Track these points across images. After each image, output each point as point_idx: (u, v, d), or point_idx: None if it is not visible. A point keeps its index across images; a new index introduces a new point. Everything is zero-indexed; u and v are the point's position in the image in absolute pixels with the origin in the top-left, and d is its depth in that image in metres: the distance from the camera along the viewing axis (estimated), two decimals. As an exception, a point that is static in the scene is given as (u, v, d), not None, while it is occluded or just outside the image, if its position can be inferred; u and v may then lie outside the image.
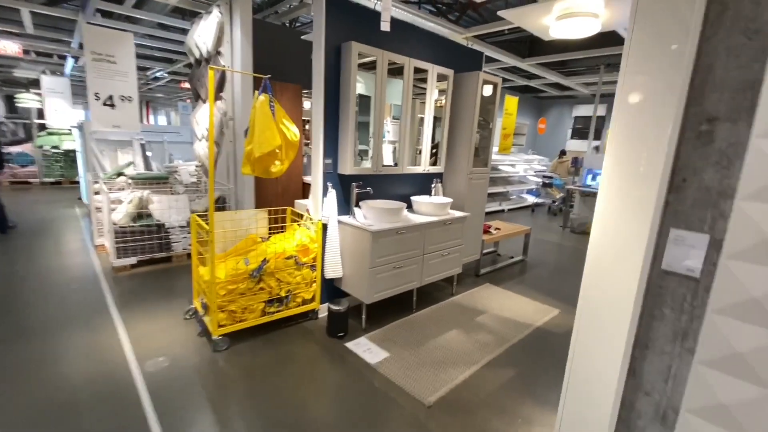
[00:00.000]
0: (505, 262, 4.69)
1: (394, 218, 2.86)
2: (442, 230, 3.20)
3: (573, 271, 4.57)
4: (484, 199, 3.92)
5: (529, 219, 8.06)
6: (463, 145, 3.61)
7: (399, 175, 3.39)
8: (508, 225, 4.92)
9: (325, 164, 2.82)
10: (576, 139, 10.26)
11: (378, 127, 2.91)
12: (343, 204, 3.01)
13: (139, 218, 3.95)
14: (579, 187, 7.01)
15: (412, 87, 3.07)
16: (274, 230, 3.22)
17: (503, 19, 5.09)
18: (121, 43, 4.50)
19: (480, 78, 3.42)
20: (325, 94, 2.72)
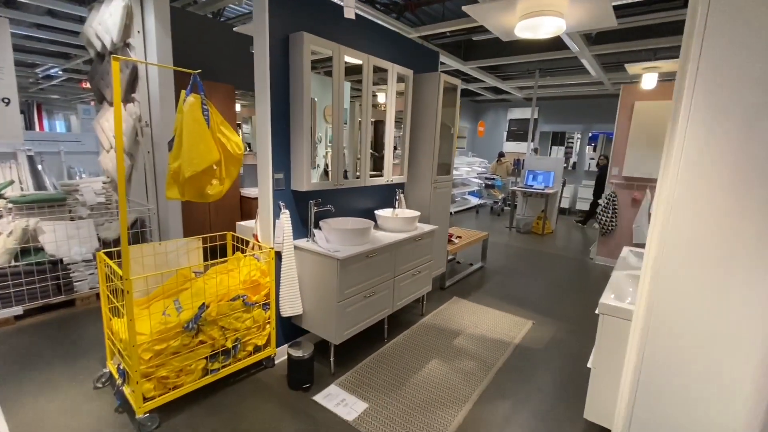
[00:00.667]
0: (467, 271, 4.51)
1: (361, 239, 2.46)
2: (413, 247, 2.87)
3: (532, 275, 4.52)
4: (448, 209, 3.68)
5: (475, 220, 8.12)
6: (425, 151, 3.31)
7: (361, 188, 2.99)
8: (467, 232, 4.76)
9: (276, 180, 2.32)
10: (511, 141, 10.66)
11: (337, 135, 2.49)
12: (299, 226, 2.53)
13: (24, 254, 3.06)
14: (522, 188, 7.18)
15: (371, 88, 2.69)
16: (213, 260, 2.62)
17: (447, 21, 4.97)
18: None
19: (441, 79, 3.16)
20: (271, 96, 2.23)
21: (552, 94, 9.31)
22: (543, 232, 6.83)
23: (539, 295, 3.92)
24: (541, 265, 5.01)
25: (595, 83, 7.85)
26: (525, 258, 5.31)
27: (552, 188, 7.01)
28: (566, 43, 4.97)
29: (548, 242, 6.34)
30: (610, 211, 4.98)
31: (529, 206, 7.39)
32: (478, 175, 9.63)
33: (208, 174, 1.81)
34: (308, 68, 2.22)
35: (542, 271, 4.76)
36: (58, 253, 3.14)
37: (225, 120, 1.87)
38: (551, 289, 4.13)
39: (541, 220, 6.87)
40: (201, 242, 2.58)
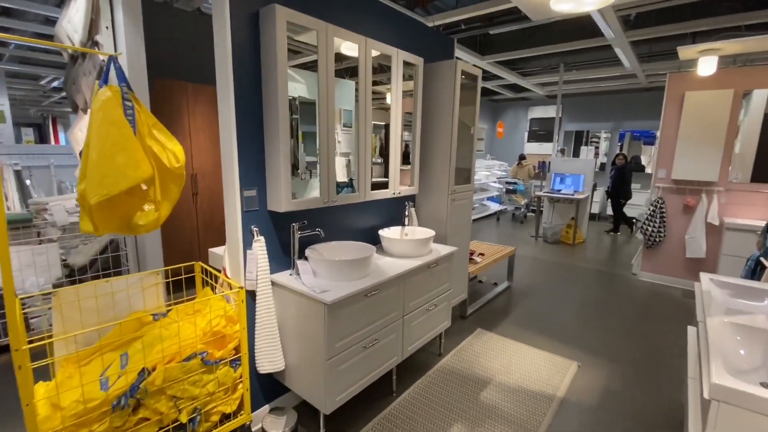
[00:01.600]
0: (491, 293, 3.88)
1: (359, 271, 1.90)
2: (428, 276, 2.29)
3: (568, 296, 3.86)
4: (468, 224, 3.08)
5: (495, 229, 7.46)
6: (440, 157, 2.74)
7: (360, 204, 2.43)
8: (490, 247, 4.14)
9: (246, 199, 1.79)
10: (533, 142, 9.96)
11: (326, 140, 1.95)
12: (279, 255, 1.99)
13: (-29, 288, 2.62)
14: (548, 193, 6.50)
15: (370, 79, 2.15)
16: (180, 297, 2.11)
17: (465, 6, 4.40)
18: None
19: (458, 68, 2.58)
20: (237, 90, 1.71)
21: (577, 90, 8.60)
22: (574, 241, 6.12)
23: (580, 324, 3.27)
24: (577, 282, 4.34)
25: (627, 76, 7.12)
26: (557, 274, 4.64)
27: (582, 193, 6.31)
28: (601, 28, 4.33)
29: (581, 254, 5.64)
30: (657, 220, 4.28)
31: (556, 213, 6.70)
32: (498, 179, 8.97)
33: (135, 196, 1.30)
34: (283, 51, 1.69)
35: (579, 290, 4.09)
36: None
37: (159, 122, 1.35)
38: (593, 314, 3.47)
39: (571, 228, 6.17)
40: (161, 276, 2.07)
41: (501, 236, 6.81)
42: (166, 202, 1.37)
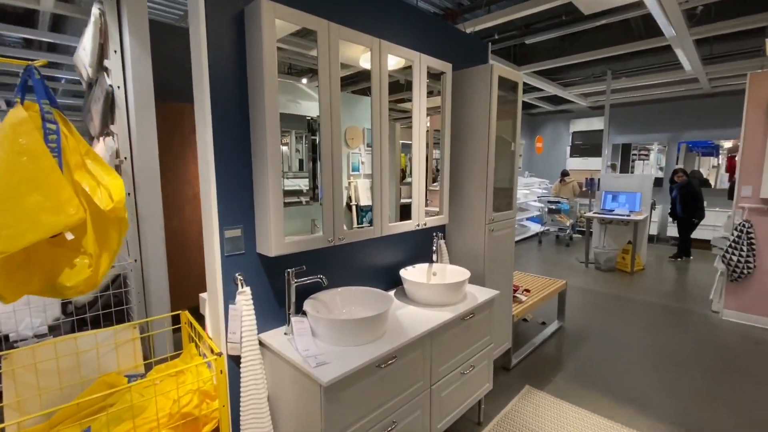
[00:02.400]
0: (539, 337, 3.30)
1: (371, 334, 1.47)
2: (461, 331, 1.82)
3: (635, 341, 3.19)
4: (511, 258, 2.57)
5: (537, 253, 6.77)
6: (475, 179, 2.29)
7: (375, 240, 2.02)
8: (536, 280, 3.57)
9: (228, 240, 1.43)
10: (576, 157, 9.20)
11: (329, 164, 1.57)
12: (274, 307, 1.61)
13: (-36, 330, 2.44)
14: (599, 213, 5.79)
15: (386, 89, 1.77)
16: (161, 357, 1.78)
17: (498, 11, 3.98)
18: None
19: (493, 73, 2.15)
20: (216, 107, 1.37)
21: (626, 99, 7.86)
22: (632, 269, 5.35)
23: (658, 382, 2.62)
24: (641, 321, 3.65)
25: (686, 81, 6.36)
26: (615, 310, 3.95)
27: (640, 213, 5.55)
28: (660, 25, 3.76)
29: (642, 284, 4.87)
30: (745, 247, 3.54)
31: (609, 236, 5.95)
32: (539, 198, 8.29)
33: (62, 247, 0.96)
34: (271, 56, 1.34)
35: (645, 332, 3.40)
36: (5, 326, 2.49)
37: (92, 149, 1.02)
38: (667, 366, 2.80)
39: (628, 253, 5.41)
40: (137, 330, 1.74)
41: (544, 262, 6.13)
42: (106, 254, 1.04)
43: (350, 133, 2.09)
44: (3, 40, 4.82)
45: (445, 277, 2.14)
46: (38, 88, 0.96)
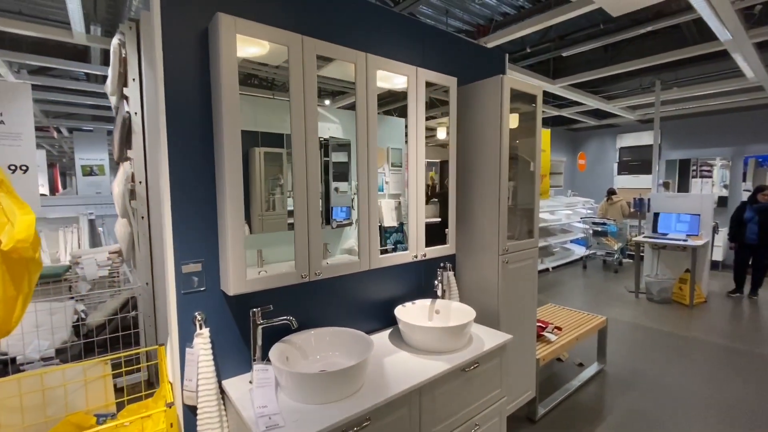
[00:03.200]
0: (575, 380, 2.87)
1: (345, 388, 1.25)
2: (462, 385, 1.54)
3: (694, 393, 2.67)
4: (533, 292, 2.25)
5: (582, 280, 6.17)
6: (485, 204, 2.03)
7: (362, 274, 1.80)
8: (572, 315, 3.16)
9: (186, 276, 1.30)
10: (624, 174, 8.48)
11: (302, 185, 1.40)
12: (242, 350, 1.44)
13: (-21, 350, 2.51)
14: (650, 237, 5.18)
15: (375, 108, 1.59)
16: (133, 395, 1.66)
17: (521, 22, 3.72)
18: (13, 97, 3.39)
19: (504, 86, 1.92)
20: (170, 125, 1.27)
21: (680, 111, 7.16)
22: (691, 302, 4.68)
23: (722, 452, 2.13)
24: (706, 367, 3.09)
25: (749, 90, 5.67)
26: (671, 351, 3.40)
27: (699, 237, 4.90)
28: (712, 28, 3.33)
29: (704, 320, 4.22)
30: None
31: (662, 262, 5.30)
32: (582, 218, 7.67)
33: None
34: (230, 73, 1.22)
35: (711, 381, 2.86)
36: (14, 349, 2.53)
37: (6, 179, 0.93)
38: (743, 429, 2.29)
39: (686, 283, 4.75)
40: (109, 367, 1.64)
41: (589, 290, 5.56)
42: (22, 296, 0.93)
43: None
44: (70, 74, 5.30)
45: (448, 317, 1.87)
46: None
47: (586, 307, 4.68)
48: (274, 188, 1.59)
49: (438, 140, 2.11)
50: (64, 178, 13.90)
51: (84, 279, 3.16)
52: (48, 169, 10.28)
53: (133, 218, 2.98)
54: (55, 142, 10.03)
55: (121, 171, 3.04)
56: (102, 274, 3.21)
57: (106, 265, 3.26)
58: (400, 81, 1.73)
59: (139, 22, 2.44)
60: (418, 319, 1.86)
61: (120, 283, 3.23)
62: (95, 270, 3.21)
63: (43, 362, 2.60)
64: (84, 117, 7.77)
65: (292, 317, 1.38)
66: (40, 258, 0.94)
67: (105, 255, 3.28)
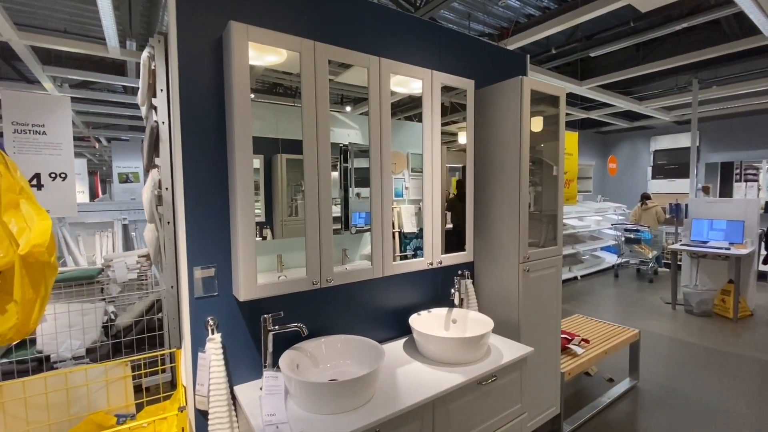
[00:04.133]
0: (604, 397, 2.72)
1: (354, 398, 1.22)
2: (478, 398, 1.48)
3: (739, 417, 2.46)
4: (557, 302, 2.15)
5: (613, 290, 5.89)
6: (504, 210, 1.96)
7: (376, 281, 1.78)
8: (601, 327, 3.00)
9: (199, 281, 1.31)
10: (659, 178, 8.08)
11: (314, 190, 1.40)
12: (253, 356, 1.44)
13: (20, 348, 2.65)
14: (688, 246, 4.88)
15: (388, 114, 1.57)
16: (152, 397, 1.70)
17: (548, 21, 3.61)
18: (53, 108, 3.60)
19: (524, 87, 1.85)
20: (185, 129, 1.30)
21: (720, 111, 6.76)
22: (735, 316, 4.36)
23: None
24: (749, 386, 2.85)
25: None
26: (712, 368, 3.17)
27: (743, 245, 4.56)
28: (754, 21, 3.12)
29: (749, 335, 3.91)
30: None
31: (702, 273, 4.97)
32: (614, 225, 7.33)
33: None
34: (242, 79, 1.23)
35: (756, 401, 2.63)
36: (48, 348, 2.66)
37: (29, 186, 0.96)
38: (795, 462, 2.08)
39: (729, 295, 4.43)
40: (129, 368, 1.68)
41: (621, 301, 5.29)
42: (39, 299, 0.96)
43: (393, 158, 1.96)
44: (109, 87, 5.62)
45: (465, 327, 1.81)
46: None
47: (617, 319, 4.45)
48: (297, 194, 1.60)
49: (460, 145, 2.07)
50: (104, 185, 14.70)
51: (114, 281, 3.28)
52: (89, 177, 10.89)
53: (160, 223, 3.08)
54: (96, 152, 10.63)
55: (149, 178, 3.16)
56: (131, 276, 3.33)
57: (135, 269, 3.38)
58: (418, 86, 1.71)
59: (167, 35, 2.53)
60: (433, 329, 1.81)
61: (149, 285, 3.34)
62: (125, 273, 3.33)
63: (74, 361, 2.72)
64: (122, 127, 8.19)
65: (302, 324, 1.37)
66: (56, 262, 0.97)
67: (134, 259, 3.41)
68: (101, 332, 2.92)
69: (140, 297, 3.29)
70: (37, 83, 5.08)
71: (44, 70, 4.30)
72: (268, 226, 1.53)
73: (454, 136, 2.15)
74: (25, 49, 3.77)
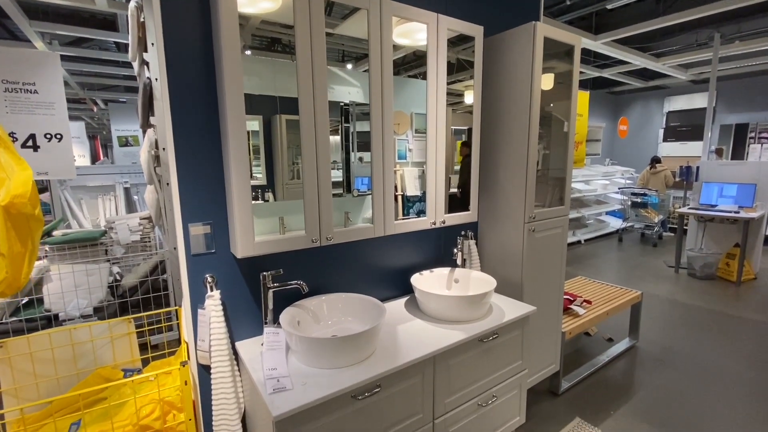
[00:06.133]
0: (603, 356, 2.76)
1: (355, 354, 1.22)
2: (479, 355, 1.48)
3: (735, 376, 2.50)
4: (561, 263, 2.12)
5: (616, 253, 5.88)
6: (511, 167, 1.89)
7: (378, 241, 1.74)
8: (603, 288, 3.00)
9: (195, 238, 1.28)
10: (671, 141, 7.85)
11: (313, 152, 1.33)
12: (255, 313, 1.44)
13: (28, 307, 2.70)
14: (696, 208, 4.79)
15: (390, 59, 1.47)
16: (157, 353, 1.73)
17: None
18: (43, 65, 3.46)
19: (537, 34, 1.72)
20: (173, 83, 1.22)
21: (740, 69, 6.43)
22: (739, 279, 4.35)
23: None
24: (749, 348, 2.88)
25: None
26: (712, 330, 3.19)
27: (753, 209, 4.48)
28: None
29: (752, 298, 3.92)
30: None
31: (708, 236, 4.93)
32: (621, 189, 7.22)
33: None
34: (230, 23, 1.13)
35: (755, 363, 2.66)
36: (56, 306, 2.70)
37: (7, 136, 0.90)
38: (788, 417, 2.13)
39: (734, 259, 4.41)
40: (132, 325, 1.70)
41: (624, 264, 5.29)
42: (27, 253, 0.93)
43: (396, 118, 1.86)
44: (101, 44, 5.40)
45: (468, 286, 1.80)
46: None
47: (619, 282, 4.46)
48: (297, 156, 1.54)
49: (466, 107, 1.97)
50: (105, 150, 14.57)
51: (118, 243, 3.29)
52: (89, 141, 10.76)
53: (159, 185, 3.03)
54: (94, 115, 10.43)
55: (146, 138, 3.07)
56: (134, 238, 3.33)
57: (137, 230, 3.37)
58: (423, 37, 1.59)
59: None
60: (435, 288, 1.79)
61: (152, 247, 3.34)
62: (128, 234, 3.32)
63: (83, 319, 2.77)
64: (118, 89, 7.97)
65: (302, 282, 1.35)
66: (41, 215, 0.93)
67: (137, 221, 3.39)
68: (108, 292, 2.96)
69: (144, 258, 3.30)
70: (28, 42, 4.88)
71: (31, 26, 4.11)
72: (269, 189, 1.48)
73: (460, 97, 2.05)
74: (8, 2, 3.57)
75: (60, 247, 2.94)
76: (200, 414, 1.36)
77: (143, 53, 2.92)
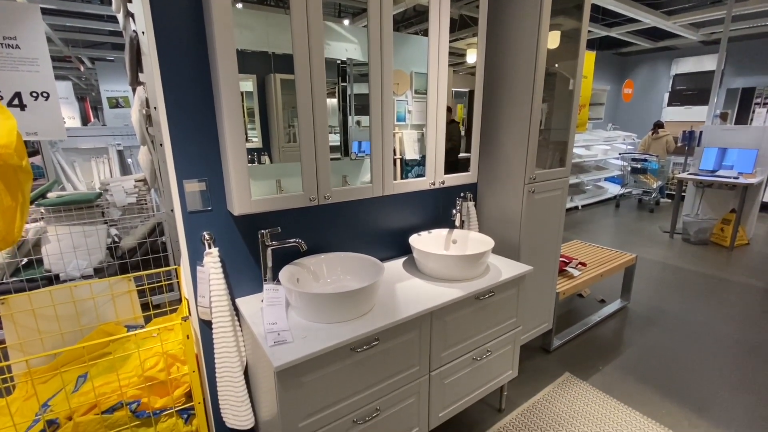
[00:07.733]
0: (594, 316, 2.84)
1: (353, 309, 1.24)
2: (474, 312, 1.52)
3: (718, 334, 2.59)
4: (559, 225, 2.13)
5: (613, 219, 5.92)
6: (513, 126, 1.84)
7: (376, 201, 1.73)
8: (598, 252, 3.04)
9: (191, 195, 1.26)
10: (676, 105, 7.69)
11: (310, 108, 1.28)
12: (254, 270, 1.44)
13: (27, 269, 2.72)
14: (696, 174, 4.78)
15: (390, 16, 1.39)
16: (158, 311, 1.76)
17: None
18: (22, 18, 3.28)
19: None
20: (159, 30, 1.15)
21: (753, 29, 6.19)
22: (732, 244, 4.41)
23: (744, 389, 2.10)
24: (737, 310, 2.97)
25: None
26: (702, 292, 3.28)
27: (753, 175, 4.46)
28: None
29: (743, 263, 4.00)
30: None
31: (705, 202, 4.94)
32: (621, 155, 7.15)
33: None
34: (219, -38, 1.05)
35: (741, 324, 2.76)
36: (57, 267, 2.72)
37: None
38: (763, 372, 2.23)
39: (729, 224, 4.45)
40: (133, 283, 1.71)
41: (620, 229, 5.33)
42: (18, 206, 0.91)
43: (396, 77, 1.78)
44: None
45: (466, 246, 1.81)
46: None
47: (615, 246, 4.52)
48: (294, 118, 1.48)
49: (468, 67, 1.89)
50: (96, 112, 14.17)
51: (114, 205, 3.26)
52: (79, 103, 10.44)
53: (152, 146, 2.97)
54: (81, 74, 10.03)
55: (136, 96, 2.97)
56: (130, 201, 3.30)
57: (133, 193, 3.34)
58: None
59: None
60: (433, 248, 1.80)
61: (149, 209, 3.33)
62: (123, 197, 3.29)
63: (83, 279, 2.80)
64: (105, 46, 7.61)
65: (301, 240, 1.34)
66: (29, 167, 0.90)
67: (132, 183, 3.35)
68: (107, 254, 2.97)
69: (141, 221, 3.29)
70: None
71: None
72: (265, 152, 1.45)
73: (462, 57, 1.96)
74: (-21, -55, 3.32)
75: (56, 209, 2.92)
76: (204, 367, 1.40)
77: (127, 3, 2.77)
